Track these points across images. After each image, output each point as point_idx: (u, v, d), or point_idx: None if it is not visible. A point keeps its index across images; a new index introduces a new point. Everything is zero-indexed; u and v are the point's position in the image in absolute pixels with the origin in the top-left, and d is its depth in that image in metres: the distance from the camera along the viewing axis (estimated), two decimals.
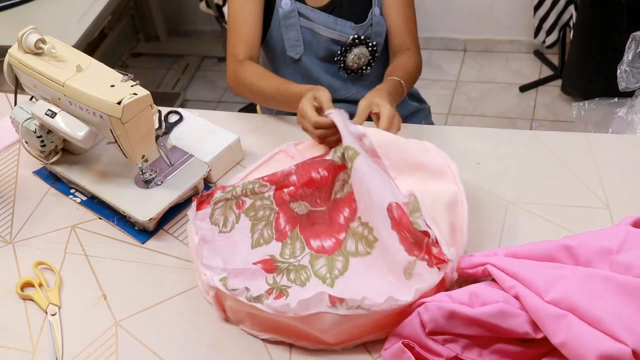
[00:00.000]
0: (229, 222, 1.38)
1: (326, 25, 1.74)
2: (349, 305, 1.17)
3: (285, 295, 1.29)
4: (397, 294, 1.20)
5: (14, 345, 1.32)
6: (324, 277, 1.32)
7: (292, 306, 1.19)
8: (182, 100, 3.35)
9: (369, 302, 1.18)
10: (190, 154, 1.56)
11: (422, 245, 1.27)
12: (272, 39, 1.78)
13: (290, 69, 1.82)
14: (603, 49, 2.74)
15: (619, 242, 1.18)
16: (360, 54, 1.76)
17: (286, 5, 1.72)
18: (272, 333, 1.26)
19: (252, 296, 1.22)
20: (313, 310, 1.17)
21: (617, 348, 1.05)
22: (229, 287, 1.25)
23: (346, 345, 1.24)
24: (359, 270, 1.32)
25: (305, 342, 1.24)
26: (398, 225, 1.29)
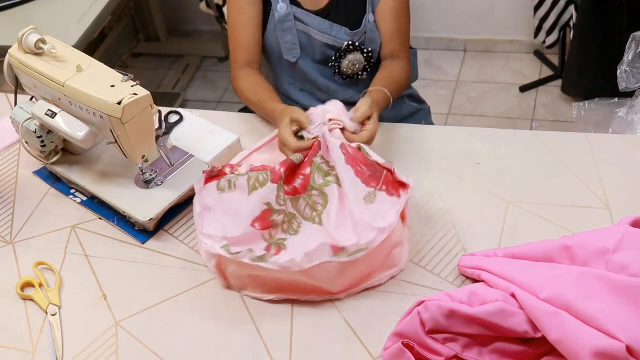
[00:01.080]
0: (231, 183, 1.39)
1: (321, 30, 1.74)
2: (349, 252, 1.25)
3: (283, 248, 1.35)
4: (377, 223, 1.30)
5: (14, 345, 1.32)
6: (312, 218, 1.39)
7: (298, 260, 1.24)
8: (182, 100, 3.35)
9: (364, 241, 1.26)
10: (190, 154, 1.56)
11: (380, 177, 1.37)
12: (268, 43, 1.78)
13: (287, 72, 1.82)
14: (603, 49, 2.74)
15: (616, 241, 1.19)
16: (355, 60, 1.76)
17: (282, 8, 1.72)
18: (276, 293, 1.32)
19: (256, 256, 1.27)
20: (317, 261, 1.24)
21: (611, 344, 1.05)
22: (232, 251, 1.29)
23: (349, 292, 1.32)
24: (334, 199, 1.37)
25: (311, 295, 1.31)
26: (352, 159, 1.39)
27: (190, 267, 1.41)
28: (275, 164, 1.42)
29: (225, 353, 1.27)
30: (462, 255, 1.34)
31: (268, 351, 1.26)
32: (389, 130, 1.66)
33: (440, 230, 1.42)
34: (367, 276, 1.33)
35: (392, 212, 1.32)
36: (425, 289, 1.32)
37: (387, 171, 1.39)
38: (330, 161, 1.41)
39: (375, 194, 1.36)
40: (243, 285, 1.35)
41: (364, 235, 1.29)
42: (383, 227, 1.29)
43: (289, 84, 1.83)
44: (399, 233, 1.34)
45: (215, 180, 1.40)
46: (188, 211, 1.52)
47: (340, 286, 1.31)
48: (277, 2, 1.71)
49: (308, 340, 1.27)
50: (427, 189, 1.51)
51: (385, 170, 1.39)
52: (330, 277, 1.28)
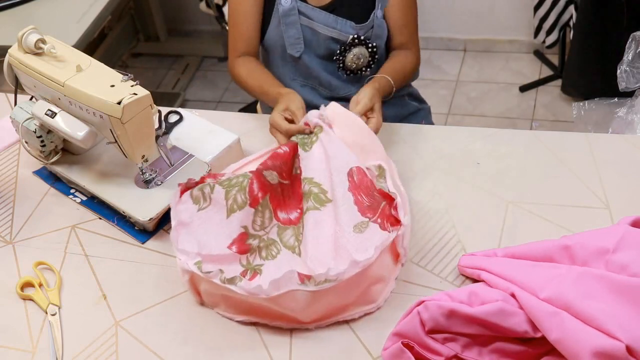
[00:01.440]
0: (205, 194, 1.38)
1: (326, 24, 1.74)
2: (316, 281, 1.22)
3: (259, 273, 1.34)
4: (356, 255, 1.28)
5: (14, 345, 1.32)
6: (293, 247, 1.38)
7: (265, 287, 1.22)
8: (182, 100, 3.35)
9: (333, 273, 1.22)
10: (190, 154, 1.56)
11: (377, 209, 1.36)
12: (271, 38, 1.78)
13: (289, 67, 1.82)
14: (603, 49, 2.74)
15: (616, 241, 1.19)
16: (360, 54, 1.76)
17: (286, 3, 1.72)
18: (246, 315, 1.30)
19: (226, 278, 1.26)
20: (284, 289, 1.21)
21: (611, 344, 1.06)
22: (203, 270, 1.28)
23: (320, 324, 1.28)
24: (310, 224, 1.36)
25: (280, 322, 1.28)
26: (356, 188, 1.37)
27: None
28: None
29: (225, 353, 1.27)
30: (462, 255, 1.35)
31: (268, 351, 1.26)
32: (389, 130, 1.66)
33: (440, 230, 1.42)
34: (339, 309, 1.28)
35: (374, 250, 1.26)
36: (425, 289, 1.32)
37: (386, 203, 1.36)
38: (324, 184, 1.40)
39: (368, 224, 1.35)
40: (215, 303, 1.32)
41: (336, 265, 1.27)
42: (359, 260, 1.24)
43: (291, 80, 1.83)
44: (380, 269, 1.29)
45: (190, 189, 1.38)
46: None
47: (309, 316, 1.27)
48: None
49: (308, 341, 1.27)
50: (427, 189, 1.51)
51: (385, 202, 1.36)
52: (299, 307, 1.24)
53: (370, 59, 1.78)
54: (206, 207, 1.37)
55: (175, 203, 1.38)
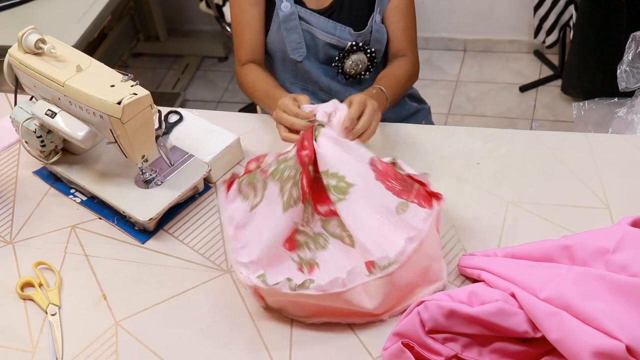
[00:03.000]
0: (258, 190, 1.34)
1: (325, 30, 1.74)
2: (380, 266, 1.22)
3: (316, 265, 1.33)
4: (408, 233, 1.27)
5: (14, 345, 1.32)
6: (341, 236, 1.36)
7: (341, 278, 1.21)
8: (182, 100, 3.35)
9: (394, 253, 1.23)
10: (190, 154, 1.56)
11: (411, 190, 1.33)
12: (272, 42, 1.78)
13: (290, 72, 1.82)
14: (603, 49, 2.74)
15: (616, 241, 1.19)
16: (358, 60, 1.76)
17: (286, 8, 1.72)
18: (316, 317, 1.28)
19: (297, 284, 1.23)
20: (357, 282, 1.21)
21: (611, 344, 1.06)
22: (269, 283, 1.24)
23: (393, 313, 1.27)
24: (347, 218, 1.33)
25: (353, 318, 1.27)
26: (383, 175, 1.35)
27: (190, 267, 1.41)
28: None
29: (225, 353, 1.27)
30: (462, 255, 1.34)
31: (268, 351, 1.26)
32: (389, 130, 1.66)
33: (440, 230, 1.42)
34: (408, 293, 1.28)
35: (423, 223, 1.27)
36: None
37: (419, 184, 1.34)
38: (340, 171, 1.36)
39: (407, 205, 1.32)
40: (283, 307, 1.30)
41: (392, 247, 1.26)
42: (411, 236, 1.25)
43: (291, 84, 1.83)
44: (435, 245, 1.29)
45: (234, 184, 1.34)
46: (188, 211, 1.53)
47: (383, 307, 1.26)
48: (282, 1, 1.71)
49: (308, 341, 1.27)
50: None
51: (417, 184, 1.34)
52: (372, 302, 1.23)
53: (369, 64, 1.77)
54: (258, 203, 1.34)
55: (225, 202, 1.34)
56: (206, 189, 1.57)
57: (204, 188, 1.56)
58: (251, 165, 1.38)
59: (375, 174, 1.35)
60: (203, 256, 1.43)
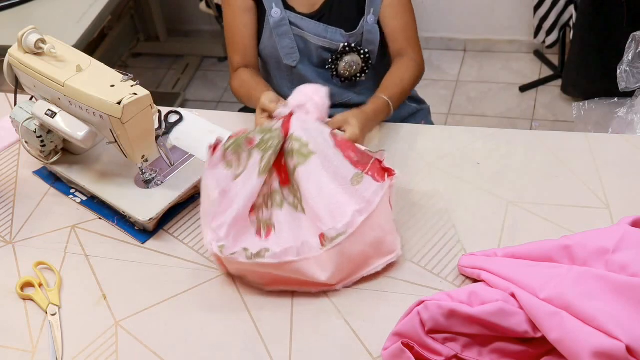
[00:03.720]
0: (242, 160, 1.39)
1: (316, 33, 1.73)
2: (329, 237, 1.27)
3: (273, 227, 1.37)
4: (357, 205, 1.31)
5: (14, 345, 1.32)
6: (294, 204, 1.39)
7: (295, 246, 1.28)
8: (182, 100, 3.35)
9: (341, 224, 1.29)
10: (190, 154, 1.56)
11: (367, 163, 1.38)
12: (265, 49, 1.78)
13: (285, 77, 1.82)
14: (603, 49, 2.74)
15: (616, 241, 1.19)
16: (352, 61, 1.75)
17: (276, 14, 1.72)
18: (275, 285, 1.34)
19: (252, 254, 1.29)
20: (310, 254, 1.27)
21: (611, 344, 1.06)
22: (226, 252, 1.30)
23: (347, 283, 1.33)
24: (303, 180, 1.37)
25: (308, 287, 1.32)
26: (342, 145, 1.40)
27: (190, 267, 1.42)
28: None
29: (225, 353, 1.27)
30: (462, 255, 1.35)
31: (268, 351, 1.26)
32: (389, 130, 1.66)
33: (440, 230, 1.42)
34: (361, 264, 1.33)
35: (374, 196, 1.32)
36: (425, 289, 1.32)
37: (375, 160, 1.39)
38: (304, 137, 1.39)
39: (362, 176, 1.37)
40: (243, 275, 1.36)
41: (341, 219, 1.30)
42: (360, 208, 1.30)
43: (288, 89, 1.83)
44: (387, 219, 1.34)
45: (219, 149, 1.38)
46: (188, 211, 1.53)
47: (335, 278, 1.31)
48: (272, 7, 1.71)
49: (308, 341, 1.27)
50: (427, 189, 1.51)
51: (374, 159, 1.39)
52: (324, 274, 1.29)
53: (364, 65, 1.77)
54: (241, 173, 1.38)
55: (209, 166, 1.37)
56: None
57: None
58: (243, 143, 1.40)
59: (334, 142, 1.40)
60: (203, 256, 1.43)
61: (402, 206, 1.47)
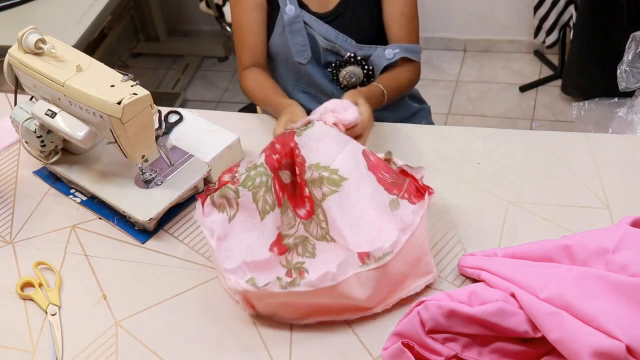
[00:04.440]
0: (231, 200, 1.35)
1: (327, 37, 1.73)
2: (376, 257, 1.22)
3: (305, 271, 1.32)
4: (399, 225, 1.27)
5: (14, 345, 1.32)
6: (323, 236, 1.36)
7: (331, 272, 1.21)
8: (182, 100, 3.35)
9: (388, 244, 1.24)
10: (190, 154, 1.56)
11: (403, 185, 1.34)
12: (275, 46, 1.78)
13: (292, 75, 1.81)
14: (603, 49, 2.74)
15: (616, 241, 1.19)
16: (353, 73, 1.75)
17: (290, 11, 1.72)
18: (309, 317, 1.27)
19: (287, 282, 1.22)
20: (350, 273, 1.21)
21: (611, 344, 1.06)
22: (259, 285, 1.23)
23: (386, 305, 1.28)
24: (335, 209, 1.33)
25: (347, 314, 1.27)
26: (375, 167, 1.36)
27: (190, 267, 1.41)
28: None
29: (225, 353, 1.27)
30: (462, 255, 1.35)
31: (268, 351, 1.26)
32: (389, 130, 1.66)
33: (440, 230, 1.42)
34: (399, 285, 1.28)
35: (414, 215, 1.29)
36: (425, 289, 1.32)
37: (410, 179, 1.36)
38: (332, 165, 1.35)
39: (398, 202, 1.33)
40: (273, 311, 1.29)
41: (386, 239, 1.27)
42: (404, 226, 1.27)
43: (293, 87, 1.83)
44: (425, 239, 1.30)
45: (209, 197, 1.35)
46: (188, 211, 1.53)
47: (374, 299, 1.27)
48: (286, 4, 1.71)
49: (308, 341, 1.27)
50: None
51: (409, 179, 1.36)
52: (364, 292, 1.24)
53: (365, 79, 1.76)
54: (235, 214, 1.35)
55: (202, 216, 1.34)
56: None
57: (204, 188, 1.56)
58: (225, 177, 1.38)
59: (368, 163, 1.37)
60: (203, 256, 1.43)
61: None
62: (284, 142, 1.39)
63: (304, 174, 1.37)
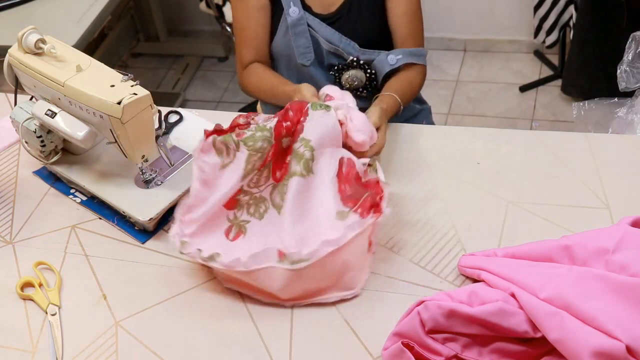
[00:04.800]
0: (230, 149, 1.36)
1: (330, 40, 1.73)
2: (291, 260, 1.26)
3: (244, 232, 1.37)
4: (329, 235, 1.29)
5: (14, 345, 1.32)
6: (279, 206, 1.38)
7: (243, 260, 1.27)
8: (182, 100, 3.35)
9: (306, 252, 1.26)
10: (190, 154, 1.56)
11: (359, 199, 1.34)
12: (277, 47, 1.78)
13: (295, 77, 1.81)
14: (603, 49, 2.74)
15: (616, 241, 1.19)
16: (355, 77, 1.75)
17: (294, 13, 1.71)
18: (232, 283, 1.35)
19: (204, 257, 1.30)
20: (263, 265, 1.27)
21: (611, 344, 1.06)
22: (184, 250, 1.32)
23: (297, 304, 1.32)
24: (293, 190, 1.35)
25: (259, 296, 1.33)
26: (342, 177, 1.37)
27: (190, 267, 1.41)
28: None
29: (225, 353, 1.27)
30: (462, 255, 1.35)
31: (268, 351, 1.26)
32: (389, 130, 1.66)
33: (440, 230, 1.42)
34: (315, 291, 1.31)
35: (348, 231, 1.29)
36: (425, 289, 1.32)
37: (369, 194, 1.34)
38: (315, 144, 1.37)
39: (348, 214, 1.33)
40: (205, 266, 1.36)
41: (310, 245, 1.29)
42: (330, 239, 1.27)
43: None
44: (356, 256, 1.31)
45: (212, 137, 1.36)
46: None
47: (286, 294, 1.31)
48: (289, 6, 1.71)
49: (308, 341, 1.27)
50: (427, 189, 1.51)
51: (369, 192, 1.35)
52: (276, 285, 1.28)
53: (368, 83, 1.76)
54: (229, 163, 1.37)
55: (199, 151, 1.36)
56: None
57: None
58: (240, 120, 1.40)
59: (337, 171, 1.38)
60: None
61: (402, 206, 1.47)
62: (298, 108, 1.39)
63: (295, 143, 1.38)
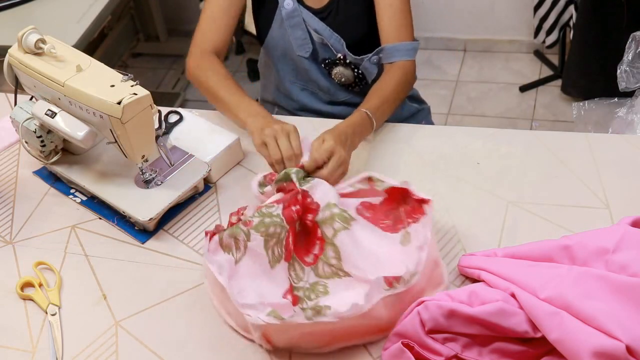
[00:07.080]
0: (240, 242, 1.31)
1: (321, 34, 1.73)
2: (405, 280, 1.20)
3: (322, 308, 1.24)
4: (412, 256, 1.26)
5: (14, 345, 1.32)
6: (335, 273, 1.32)
7: (360, 303, 1.17)
8: (182, 100, 3.35)
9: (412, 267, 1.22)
10: (190, 154, 1.56)
11: (400, 216, 1.35)
12: (273, 39, 1.78)
13: (289, 70, 1.81)
14: (603, 49, 2.74)
15: (616, 241, 1.19)
16: (343, 74, 1.75)
17: (288, 5, 1.72)
18: (332, 344, 1.23)
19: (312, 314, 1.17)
20: (377, 298, 1.18)
21: (611, 344, 1.06)
22: (283, 316, 1.17)
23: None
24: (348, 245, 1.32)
25: (370, 337, 1.24)
26: (374, 219, 1.36)
27: (190, 267, 1.41)
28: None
29: (225, 353, 1.27)
30: (462, 255, 1.34)
31: (268, 351, 1.26)
32: (389, 130, 1.66)
33: (440, 230, 1.42)
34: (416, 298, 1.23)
35: (425, 229, 1.29)
36: None
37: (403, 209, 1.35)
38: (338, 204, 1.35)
39: (407, 232, 1.33)
40: (294, 344, 1.23)
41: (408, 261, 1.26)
42: (421, 244, 1.26)
43: (291, 83, 1.83)
44: (436, 249, 1.30)
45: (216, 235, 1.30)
46: (188, 211, 1.53)
47: (396, 317, 1.22)
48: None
49: None
50: (427, 189, 1.51)
51: (402, 208, 1.35)
52: (389, 312, 1.21)
53: (357, 80, 1.75)
54: (241, 257, 1.31)
55: (208, 253, 1.28)
56: (206, 189, 1.57)
57: (204, 188, 1.56)
58: (233, 218, 1.36)
59: (366, 221, 1.36)
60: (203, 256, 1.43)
61: None
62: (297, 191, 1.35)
63: (317, 216, 1.34)
